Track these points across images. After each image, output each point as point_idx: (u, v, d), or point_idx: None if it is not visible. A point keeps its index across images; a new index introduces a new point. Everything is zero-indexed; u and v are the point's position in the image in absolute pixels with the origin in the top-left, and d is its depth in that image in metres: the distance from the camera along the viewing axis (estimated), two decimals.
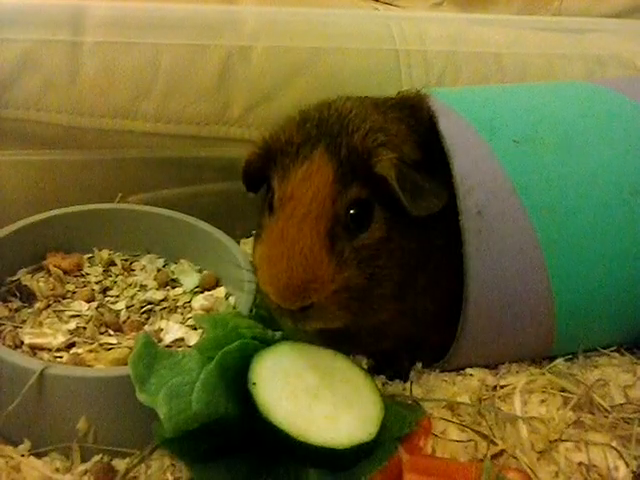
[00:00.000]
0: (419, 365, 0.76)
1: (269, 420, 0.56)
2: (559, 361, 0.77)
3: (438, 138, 0.70)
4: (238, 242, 0.86)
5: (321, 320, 0.63)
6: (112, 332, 0.76)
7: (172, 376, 0.58)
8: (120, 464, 0.64)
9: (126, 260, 0.90)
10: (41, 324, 0.76)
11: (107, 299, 0.82)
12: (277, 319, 0.65)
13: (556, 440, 0.67)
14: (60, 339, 0.73)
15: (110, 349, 0.73)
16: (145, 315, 0.80)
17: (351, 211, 0.64)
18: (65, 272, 0.84)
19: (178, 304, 0.82)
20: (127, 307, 0.81)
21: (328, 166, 0.65)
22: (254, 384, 0.59)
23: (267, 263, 0.64)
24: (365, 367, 0.71)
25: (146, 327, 0.78)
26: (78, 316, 0.78)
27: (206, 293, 0.84)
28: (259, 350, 0.62)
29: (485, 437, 0.67)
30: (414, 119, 0.72)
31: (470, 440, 0.67)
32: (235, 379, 0.59)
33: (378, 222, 0.65)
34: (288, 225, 0.63)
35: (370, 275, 0.64)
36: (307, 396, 0.60)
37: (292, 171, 0.66)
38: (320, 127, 0.67)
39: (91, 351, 0.72)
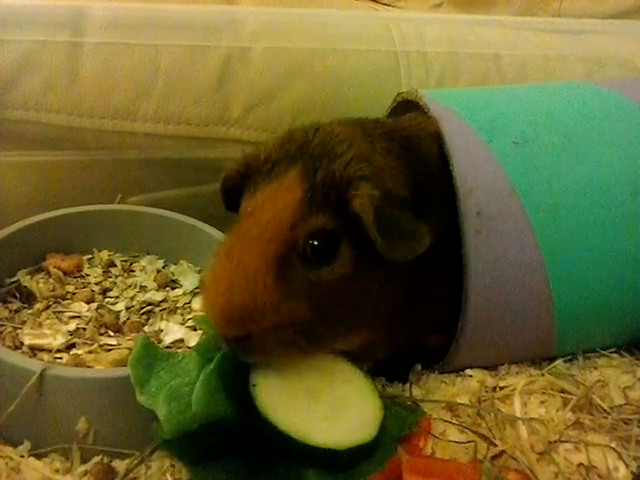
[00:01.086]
0: (418, 367, 0.75)
1: (269, 421, 0.56)
2: (558, 362, 0.77)
3: (437, 172, 0.67)
4: None
5: (260, 354, 0.58)
6: (112, 333, 0.76)
7: (171, 378, 0.58)
8: (120, 465, 0.64)
9: (126, 261, 0.90)
10: (41, 325, 0.75)
11: (107, 300, 0.82)
12: None
13: (556, 441, 0.67)
14: (60, 340, 0.73)
15: (110, 350, 0.73)
16: (145, 316, 0.80)
17: (313, 241, 0.58)
18: (65, 273, 0.84)
19: (178, 305, 0.82)
20: (127, 308, 0.81)
21: (299, 187, 0.59)
22: (254, 385, 0.59)
23: (208, 283, 0.59)
24: (365, 369, 0.71)
25: (146, 328, 0.78)
26: (78, 317, 0.78)
27: None
28: None
29: (485, 438, 0.67)
30: (406, 150, 0.67)
31: (470, 441, 0.67)
32: (234, 380, 0.59)
33: (343, 259, 0.59)
34: (238, 243, 0.59)
35: (321, 312, 0.58)
36: (307, 397, 0.60)
37: (261, 188, 0.61)
38: (302, 148, 0.63)
39: (91, 352, 0.72)
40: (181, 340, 0.75)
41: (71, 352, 0.72)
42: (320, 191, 0.59)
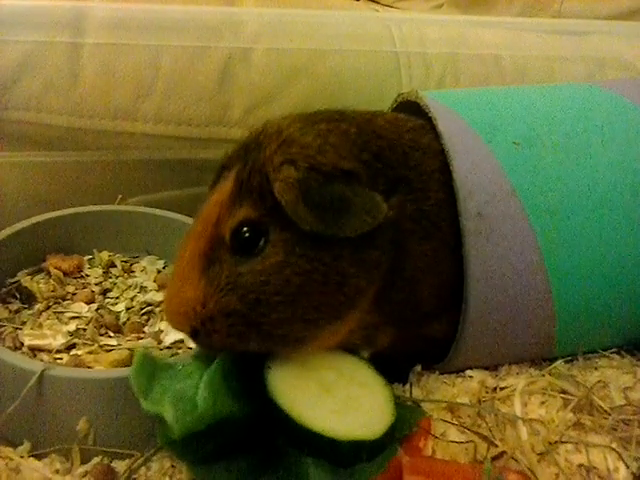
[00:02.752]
0: (418, 367, 0.75)
1: (275, 402, 0.56)
2: (559, 363, 0.77)
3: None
4: None
5: (214, 346, 0.59)
6: (112, 334, 0.76)
7: (175, 383, 0.58)
8: (120, 465, 0.64)
9: (126, 262, 0.90)
10: (41, 325, 0.75)
11: (107, 301, 0.82)
12: None
13: (556, 442, 0.67)
14: (60, 340, 0.73)
15: (110, 351, 0.73)
16: (145, 317, 0.80)
17: (238, 233, 0.59)
18: (65, 274, 0.84)
19: None
20: (127, 309, 0.81)
21: (231, 185, 0.61)
22: (269, 367, 0.59)
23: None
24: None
25: (146, 329, 0.78)
26: (78, 318, 0.78)
27: None
28: None
29: (485, 439, 0.67)
30: (358, 128, 0.64)
31: (470, 442, 0.67)
32: (238, 379, 0.59)
33: (274, 246, 0.58)
34: (182, 245, 0.62)
35: (254, 302, 0.57)
36: (319, 388, 0.60)
37: (209, 194, 0.63)
38: (245, 146, 0.64)
39: (91, 352, 0.72)
40: (181, 341, 0.75)
41: (71, 353, 0.72)
42: (247, 184, 0.60)
